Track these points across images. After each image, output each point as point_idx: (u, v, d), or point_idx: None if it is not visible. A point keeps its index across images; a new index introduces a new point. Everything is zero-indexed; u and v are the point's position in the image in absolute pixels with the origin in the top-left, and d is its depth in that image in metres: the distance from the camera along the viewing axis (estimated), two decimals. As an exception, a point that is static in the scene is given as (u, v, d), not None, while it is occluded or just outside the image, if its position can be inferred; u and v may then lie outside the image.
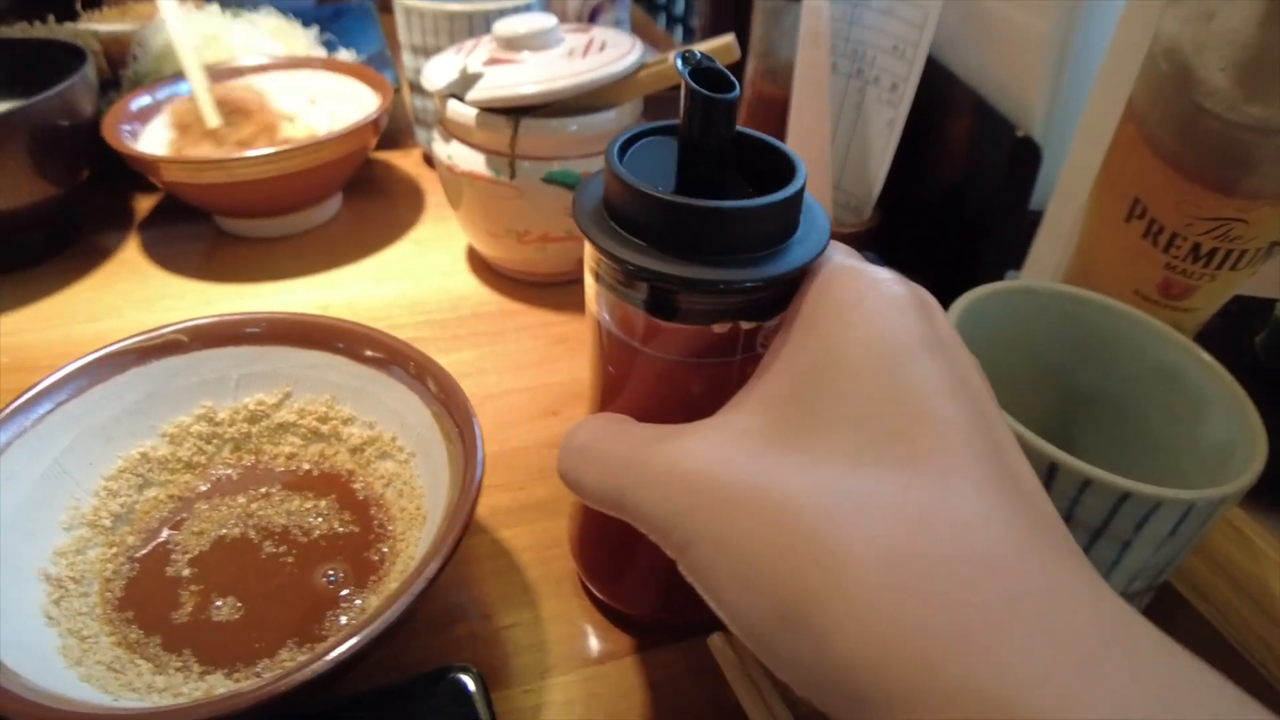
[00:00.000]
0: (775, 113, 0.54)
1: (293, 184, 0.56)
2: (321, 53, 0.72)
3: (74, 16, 0.72)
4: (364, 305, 0.55)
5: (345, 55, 0.72)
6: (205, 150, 0.58)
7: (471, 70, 0.48)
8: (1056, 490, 0.27)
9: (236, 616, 0.34)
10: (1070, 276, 0.40)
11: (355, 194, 0.66)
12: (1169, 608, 0.36)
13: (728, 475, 0.18)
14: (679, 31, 1.12)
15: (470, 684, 0.30)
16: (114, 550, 0.37)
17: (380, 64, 0.72)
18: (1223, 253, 0.35)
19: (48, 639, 0.32)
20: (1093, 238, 0.39)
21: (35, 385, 0.36)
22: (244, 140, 0.59)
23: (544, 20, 0.49)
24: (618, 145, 0.23)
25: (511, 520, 0.40)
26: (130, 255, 0.60)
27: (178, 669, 0.32)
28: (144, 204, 0.65)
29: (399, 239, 0.61)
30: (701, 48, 0.49)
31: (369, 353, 0.39)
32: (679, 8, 1.11)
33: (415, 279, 0.57)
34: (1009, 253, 0.43)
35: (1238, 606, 0.36)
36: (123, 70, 0.68)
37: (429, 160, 0.70)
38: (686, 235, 0.21)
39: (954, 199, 0.47)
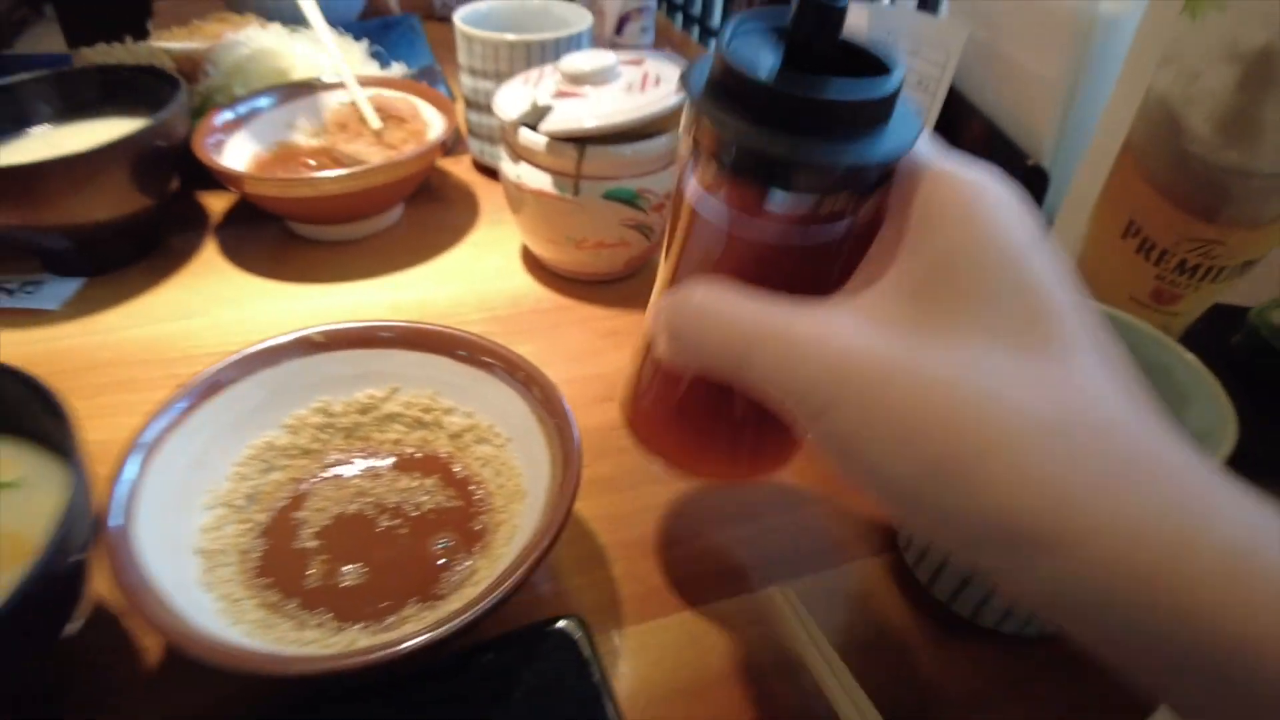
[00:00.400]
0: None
1: (365, 197, 0.61)
2: (374, 66, 0.77)
3: (145, 35, 0.78)
4: (433, 304, 0.60)
5: (396, 68, 0.78)
6: (362, 147, 0.64)
7: (541, 103, 0.54)
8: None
9: (362, 580, 0.40)
10: (1074, 286, 0.46)
11: (415, 200, 0.71)
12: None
13: (879, 350, 0.20)
14: (695, 31, 1.17)
15: (576, 631, 0.36)
16: (247, 526, 0.42)
17: (431, 78, 0.78)
18: (1205, 268, 0.41)
19: (207, 603, 0.37)
20: (1094, 251, 0.45)
21: (182, 387, 0.42)
22: (397, 143, 0.65)
23: (606, 58, 0.54)
24: (729, 33, 0.24)
25: (580, 494, 0.45)
26: (209, 257, 0.65)
27: (317, 625, 0.38)
28: (216, 207, 0.70)
29: (457, 243, 0.67)
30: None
31: (469, 354, 0.45)
32: (696, 8, 1.16)
33: (476, 279, 0.63)
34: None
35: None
36: (194, 85, 0.73)
37: (479, 167, 0.76)
38: (799, 114, 0.22)
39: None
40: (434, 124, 0.68)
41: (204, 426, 0.42)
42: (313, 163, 0.66)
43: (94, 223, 0.59)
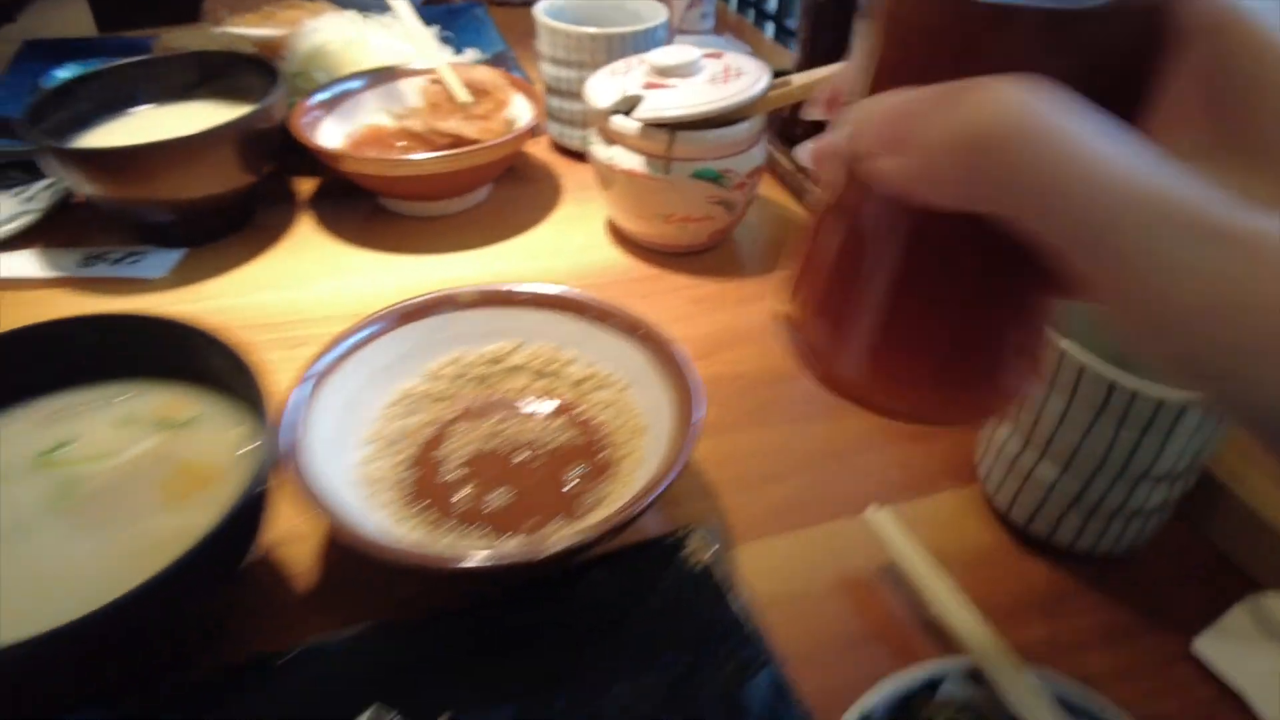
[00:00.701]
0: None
1: (461, 176, 0.67)
2: (448, 51, 0.82)
3: (194, 19, 0.82)
4: (526, 275, 0.65)
5: (469, 54, 0.83)
6: (454, 123, 0.69)
7: (631, 92, 0.60)
8: (1120, 404, 0.38)
9: (508, 503, 0.46)
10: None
11: (500, 179, 0.76)
12: (1210, 492, 0.46)
13: (1185, 192, 0.17)
14: (751, 14, 1.20)
15: (702, 538, 0.42)
16: (398, 460, 0.48)
17: (506, 64, 0.82)
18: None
19: (375, 523, 0.42)
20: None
21: (339, 336, 0.47)
22: (484, 114, 0.71)
23: (690, 53, 0.61)
24: None
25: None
26: (302, 232, 0.70)
27: (480, 537, 0.44)
28: (305, 187, 0.75)
29: (543, 220, 0.72)
30: (815, 75, 0.61)
31: (589, 312, 0.51)
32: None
33: (564, 252, 0.68)
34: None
35: (1265, 490, 0.45)
36: (273, 70, 0.77)
37: (559, 148, 0.81)
38: None
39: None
40: (516, 98, 0.74)
41: (357, 370, 0.48)
42: (401, 143, 0.71)
43: (197, 198, 0.64)
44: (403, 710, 0.35)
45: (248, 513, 0.36)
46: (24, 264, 0.63)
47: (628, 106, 0.60)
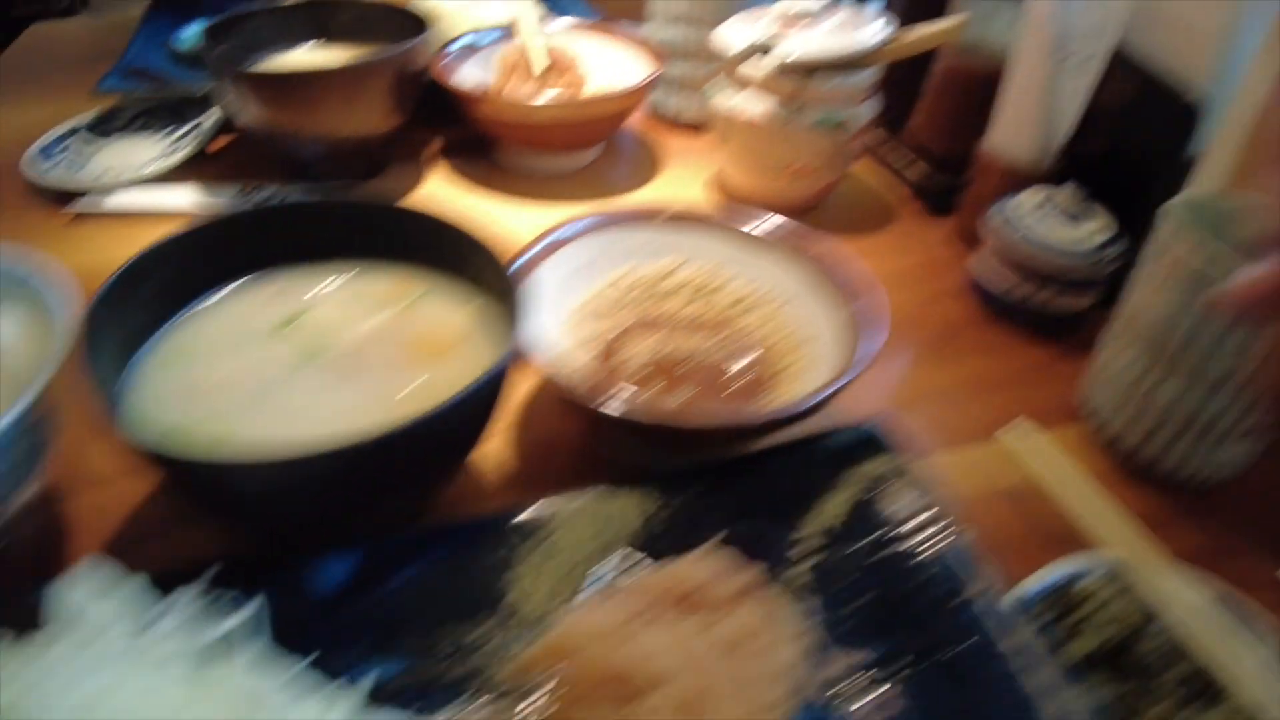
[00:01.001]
0: (965, 84, 0.70)
1: (583, 126, 0.71)
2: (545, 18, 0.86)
3: None
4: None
5: (566, 19, 0.86)
6: (529, 90, 0.73)
7: (763, 39, 0.64)
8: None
9: (685, 406, 0.49)
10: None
11: (606, 144, 0.80)
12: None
13: None
14: None
15: (872, 434, 0.45)
16: (587, 360, 0.51)
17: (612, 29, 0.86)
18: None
19: None
20: (1249, 170, 0.56)
21: (532, 243, 0.51)
22: (558, 85, 0.74)
23: (816, 2, 0.65)
24: None
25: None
26: (428, 184, 0.74)
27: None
28: (430, 144, 0.79)
29: (648, 182, 0.76)
30: (934, 28, 0.65)
31: (750, 233, 0.54)
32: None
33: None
34: (1171, 190, 0.59)
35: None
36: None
37: (657, 116, 0.85)
38: None
39: (1124, 148, 0.63)
40: (598, 72, 0.78)
41: (554, 269, 0.51)
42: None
43: (346, 136, 0.68)
44: (650, 553, 0.38)
45: (503, 372, 0.39)
46: (185, 197, 0.66)
47: (759, 52, 0.64)
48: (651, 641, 0.31)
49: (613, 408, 0.41)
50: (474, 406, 0.38)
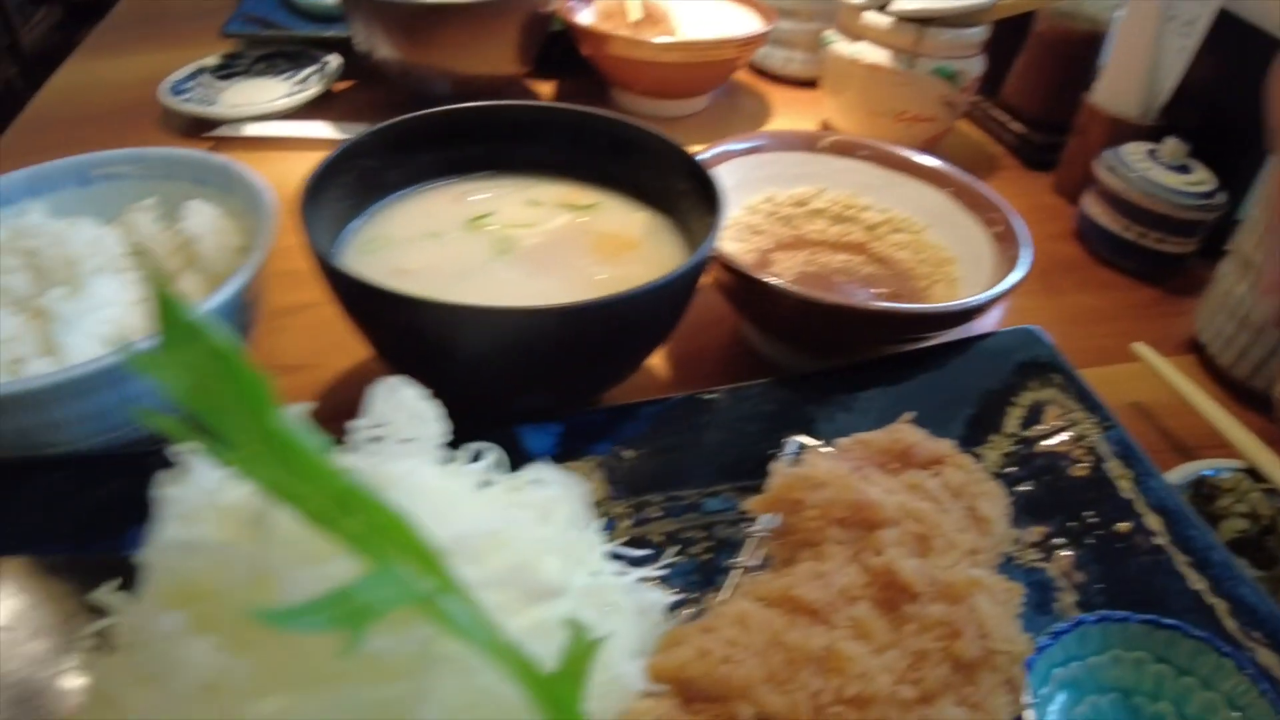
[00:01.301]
0: (1062, 48, 0.73)
1: (701, 70, 0.73)
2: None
3: None
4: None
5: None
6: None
7: (880, -10, 0.67)
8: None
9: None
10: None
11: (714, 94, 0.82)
12: None
13: None
14: None
15: (1040, 336, 0.47)
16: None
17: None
18: None
19: None
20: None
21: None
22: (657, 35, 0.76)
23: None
24: None
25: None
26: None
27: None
28: (543, 88, 0.82)
29: (755, 130, 0.77)
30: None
31: (886, 160, 0.57)
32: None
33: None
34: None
35: None
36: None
37: (758, 71, 0.88)
38: None
39: (1224, 105, 0.66)
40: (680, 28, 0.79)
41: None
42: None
43: (471, 75, 0.70)
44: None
45: (703, 261, 0.41)
46: (321, 129, 0.69)
47: (880, 3, 0.67)
48: (885, 483, 0.33)
49: (796, 292, 0.43)
50: (677, 290, 0.40)
